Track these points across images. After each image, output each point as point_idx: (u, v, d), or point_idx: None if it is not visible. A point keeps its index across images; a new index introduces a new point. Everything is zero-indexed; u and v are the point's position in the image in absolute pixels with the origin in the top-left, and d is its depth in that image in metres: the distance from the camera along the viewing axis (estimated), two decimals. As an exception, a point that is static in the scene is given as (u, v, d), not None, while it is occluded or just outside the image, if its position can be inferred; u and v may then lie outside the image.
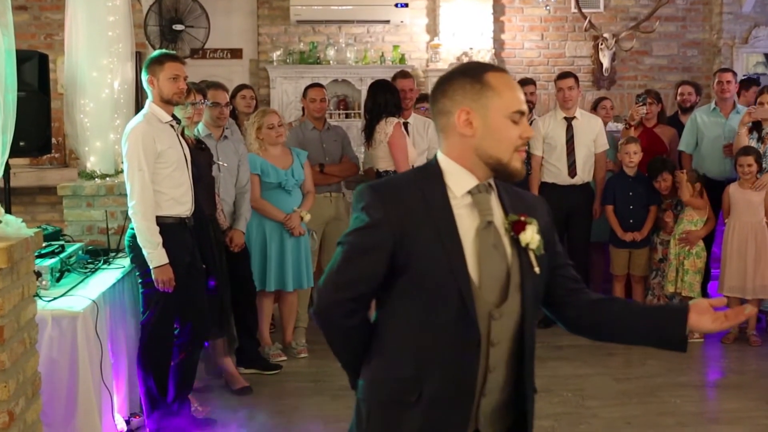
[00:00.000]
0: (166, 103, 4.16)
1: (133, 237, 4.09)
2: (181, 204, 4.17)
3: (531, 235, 1.95)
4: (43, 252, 3.97)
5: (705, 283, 6.43)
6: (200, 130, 5.03)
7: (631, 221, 6.20)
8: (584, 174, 6.28)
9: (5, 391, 2.75)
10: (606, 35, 8.74)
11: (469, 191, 1.96)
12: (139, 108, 4.82)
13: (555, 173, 6.28)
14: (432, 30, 8.76)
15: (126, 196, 4.14)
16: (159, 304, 4.09)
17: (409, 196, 1.94)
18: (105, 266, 4.36)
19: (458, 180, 1.96)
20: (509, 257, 1.96)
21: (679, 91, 7.26)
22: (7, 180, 4.59)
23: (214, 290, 4.57)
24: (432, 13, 8.78)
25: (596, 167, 6.34)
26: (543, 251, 1.98)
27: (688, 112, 6.97)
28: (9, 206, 4.61)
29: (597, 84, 8.98)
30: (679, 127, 6.89)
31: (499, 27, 8.83)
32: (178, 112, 4.43)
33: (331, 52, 8.49)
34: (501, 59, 8.83)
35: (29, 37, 7.95)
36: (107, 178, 5.00)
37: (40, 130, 4.82)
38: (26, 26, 7.99)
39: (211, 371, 5.14)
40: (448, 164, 1.98)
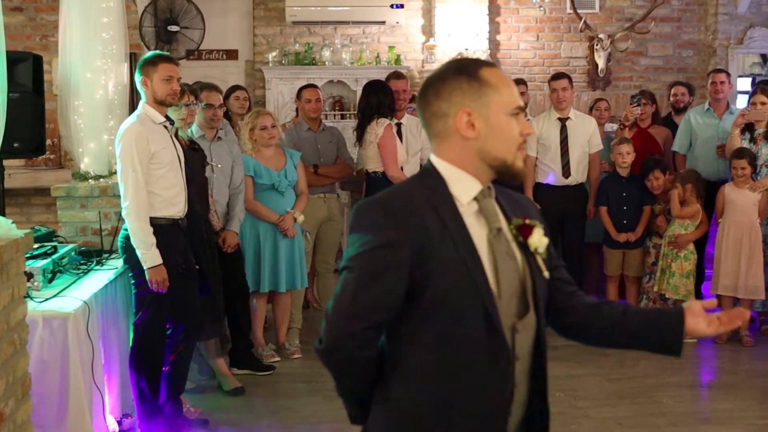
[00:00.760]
0: (160, 104, 4.17)
1: (126, 238, 4.09)
2: (174, 205, 4.17)
3: (538, 239, 1.87)
4: (36, 253, 3.98)
5: (699, 284, 6.44)
6: (194, 131, 5.03)
7: (624, 222, 6.22)
8: (578, 174, 6.29)
9: (-6, 392, 2.76)
10: (601, 36, 8.74)
11: (475, 197, 1.85)
12: (133, 109, 4.82)
13: (549, 174, 6.29)
14: (427, 31, 8.77)
15: (120, 197, 4.14)
16: (152, 304, 4.09)
17: (419, 208, 1.79)
18: (98, 267, 4.37)
19: (463, 186, 1.84)
20: (520, 264, 1.87)
21: (672, 91, 7.28)
22: (1, 181, 4.61)
23: (207, 291, 4.58)
24: (427, 14, 8.78)
25: (590, 168, 6.35)
26: (547, 254, 1.91)
27: (681, 113, 6.98)
28: (3, 207, 4.62)
29: (592, 85, 8.98)
30: (673, 127, 6.90)
31: (494, 28, 8.84)
32: (172, 113, 4.45)
33: (326, 53, 8.48)
34: (496, 60, 8.82)
35: (25, 38, 7.94)
36: (101, 180, 5.01)
37: (35, 132, 4.84)
38: (22, 27, 7.98)
39: (203, 372, 5.15)
40: (449, 170, 1.85)
